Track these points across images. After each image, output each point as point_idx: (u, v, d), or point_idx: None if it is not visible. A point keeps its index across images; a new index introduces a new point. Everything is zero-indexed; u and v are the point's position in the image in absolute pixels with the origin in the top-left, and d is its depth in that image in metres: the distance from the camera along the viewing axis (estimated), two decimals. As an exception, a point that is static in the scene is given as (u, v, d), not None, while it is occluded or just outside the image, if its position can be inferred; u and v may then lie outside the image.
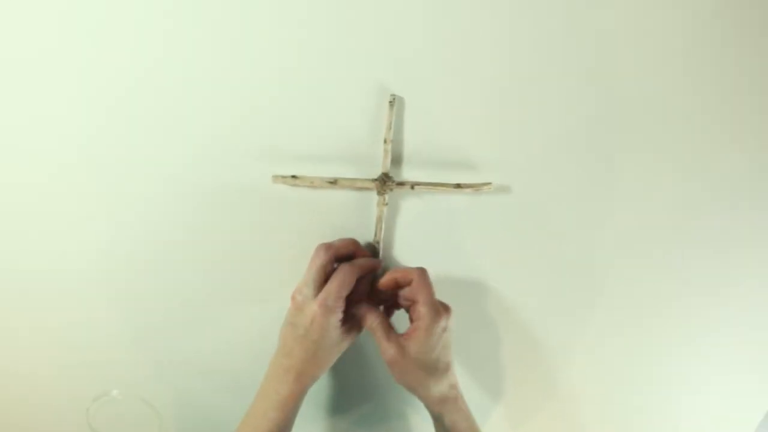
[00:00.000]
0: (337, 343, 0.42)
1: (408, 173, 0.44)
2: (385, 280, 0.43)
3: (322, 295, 0.40)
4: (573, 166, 0.44)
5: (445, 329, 0.41)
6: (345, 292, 0.40)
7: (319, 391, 0.55)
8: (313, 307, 0.40)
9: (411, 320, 0.42)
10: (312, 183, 0.42)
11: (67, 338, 0.52)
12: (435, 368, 0.41)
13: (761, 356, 0.53)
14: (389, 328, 0.42)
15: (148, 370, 0.54)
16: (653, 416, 0.57)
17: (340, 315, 0.40)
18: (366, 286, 0.44)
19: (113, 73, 0.40)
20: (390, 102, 0.40)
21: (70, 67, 0.40)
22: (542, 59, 0.40)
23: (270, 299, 0.49)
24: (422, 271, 0.42)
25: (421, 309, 0.40)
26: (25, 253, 0.48)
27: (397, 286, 0.43)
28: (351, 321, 0.43)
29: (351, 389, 0.56)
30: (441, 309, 0.41)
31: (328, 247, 0.42)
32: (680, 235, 0.46)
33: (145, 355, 0.53)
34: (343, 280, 0.40)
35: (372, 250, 0.45)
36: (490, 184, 0.42)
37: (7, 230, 0.47)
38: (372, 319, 0.42)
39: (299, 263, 0.44)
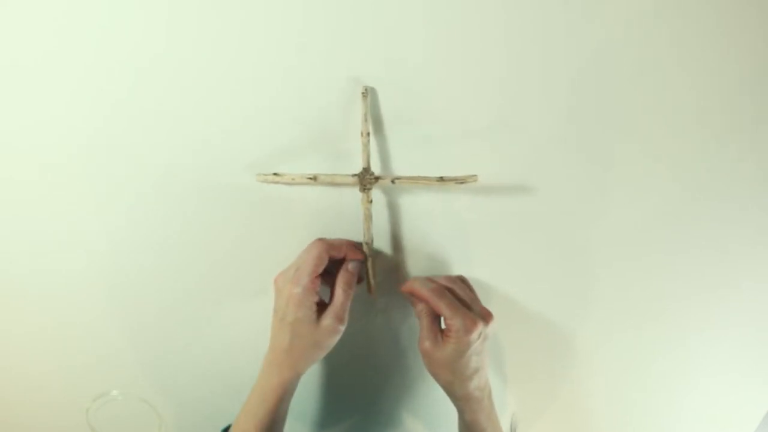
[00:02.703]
0: (312, 328, 0.41)
1: (395, 170, 0.44)
2: (403, 287, 0.44)
3: (295, 274, 0.41)
4: (570, 163, 0.43)
5: (480, 338, 0.41)
6: (317, 269, 0.41)
7: (315, 393, 0.56)
8: (288, 287, 0.40)
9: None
10: (293, 179, 0.42)
11: (67, 338, 0.52)
12: (462, 372, 0.42)
13: (761, 356, 0.53)
14: (434, 320, 0.42)
15: (148, 370, 0.54)
16: (654, 416, 0.57)
17: (314, 295, 0.41)
18: (349, 276, 0.43)
19: (109, 75, 0.40)
20: (363, 93, 0.40)
21: (68, 70, 0.40)
22: (530, 48, 0.39)
23: (269, 298, 0.49)
24: (436, 292, 0.41)
25: (449, 322, 0.40)
26: (24, 253, 0.48)
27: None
28: (330, 311, 0.42)
29: (347, 394, 0.56)
30: (476, 321, 0.40)
31: (325, 244, 0.42)
32: (680, 235, 0.46)
33: (144, 355, 0.53)
34: (314, 256, 0.41)
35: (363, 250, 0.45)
36: (475, 176, 0.41)
37: (7, 230, 0.47)
38: (420, 307, 0.43)
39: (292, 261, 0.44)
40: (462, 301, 0.42)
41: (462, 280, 0.45)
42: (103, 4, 0.38)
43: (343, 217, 0.45)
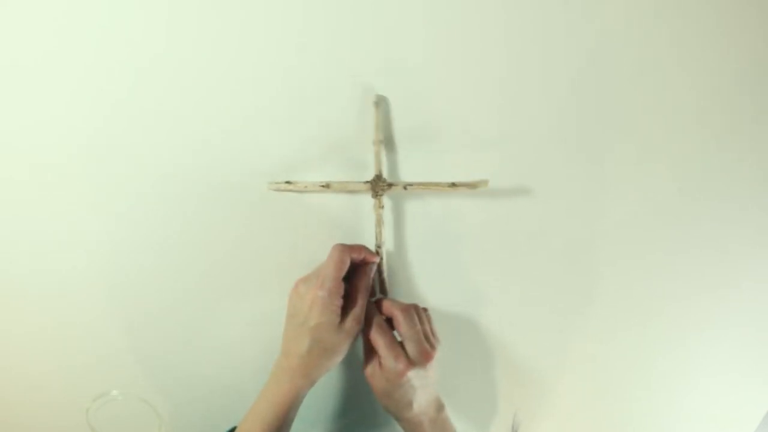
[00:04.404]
0: (334, 332, 0.41)
1: (406, 176, 0.44)
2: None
3: (319, 278, 0.41)
4: (571, 163, 0.43)
5: (414, 378, 0.41)
6: (340, 273, 0.41)
7: (315, 391, 0.55)
8: (313, 290, 0.40)
9: None
10: (305, 187, 0.42)
11: (67, 338, 0.52)
12: (398, 401, 0.42)
13: (761, 356, 0.53)
14: (373, 353, 0.43)
15: (148, 370, 0.54)
16: (653, 416, 0.57)
17: (338, 299, 0.41)
18: (366, 278, 0.44)
19: (109, 75, 0.40)
20: (375, 102, 0.40)
21: (68, 70, 0.40)
22: (536, 54, 0.40)
23: (270, 298, 0.49)
24: (378, 327, 0.42)
25: (383, 362, 0.41)
26: (25, 253, 0.48)
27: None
28: (350, 314, 0.42)
29: (346, 392, 0.56)
30: (407, 364, 0.40)
31: (345, 247, 0.42)
32: (680, 234, 0.46)
33: (144, 355, 0.53)
34: (336, 260, 0.41)
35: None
36: (486, 181, 0.42)
37: (7, 230, 0.47)
38: (363, 338, 0.43)
39: (303, 262, 0.44)
40: (408, 335, 0.42)
41: (416, 312, 0.44)
42: (103, 4, 0.38)
43: (354, 222, 0.45)
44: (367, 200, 0.44)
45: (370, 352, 0.43)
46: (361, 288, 0.43)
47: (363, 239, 0.46)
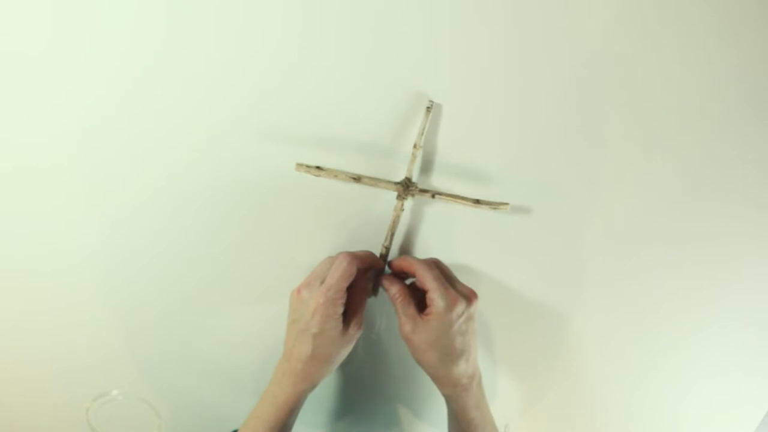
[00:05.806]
0: (337, 339, 0.41)
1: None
2: (394, 263, 0.44)
3: (323, 286, 0.40)
4: (571, 160, 0.43)
5: (462, 317, 0.41)
6: (346, 283, 0.40)
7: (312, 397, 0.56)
8: (316, 298, 0.40)
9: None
10: (336, 176, 0.42)
11: (67, 338, 0.52)
12: (447, 353, 0.41)
13: (761, 356, 0.53)
14: (409, 302, 0.42)
15: (147, 370, 0.54)
16: (653, 416, 0.57)
17: (341, 307, 0.40)
18: (368, 283, 0.44)
19: (122, 65, 0.40)
20: (427, 107, 0.40)
21: (68, 69, 0.40)
22: (535, 54, 0.39)
23: (271, 298, 0.49)
24: (426, 265, 0.41)
25: (431, 296, 0.40)
26: (24, 253, 0.48)
27: (405, 273, 0.44)
28: (352, 319, 0.42)
29: (344, 392, 0.56)
30: (458, 298, 0.40)
31: (353, 257, 0.41)
32: (680, 233, 0.46)
33: (144, 355, 0.53)
34: (343, 269, 0.40)
35: (381, 256, 0.45)
36: (507, 204, 0.43)
37: (7, 230, 0.47)
38: (394, 290, 0.42)
39: (304, 262, 0.44)
40: (447, 279, 0.42)
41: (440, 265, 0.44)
42: (103, 3, 0.38)
43: (352, 221, 0.45)
44: (370, 204, 0.44)
45: (408, 307, 0.41)
46: (362, 292, 0.43)
47: (363, 241, 0.46)
